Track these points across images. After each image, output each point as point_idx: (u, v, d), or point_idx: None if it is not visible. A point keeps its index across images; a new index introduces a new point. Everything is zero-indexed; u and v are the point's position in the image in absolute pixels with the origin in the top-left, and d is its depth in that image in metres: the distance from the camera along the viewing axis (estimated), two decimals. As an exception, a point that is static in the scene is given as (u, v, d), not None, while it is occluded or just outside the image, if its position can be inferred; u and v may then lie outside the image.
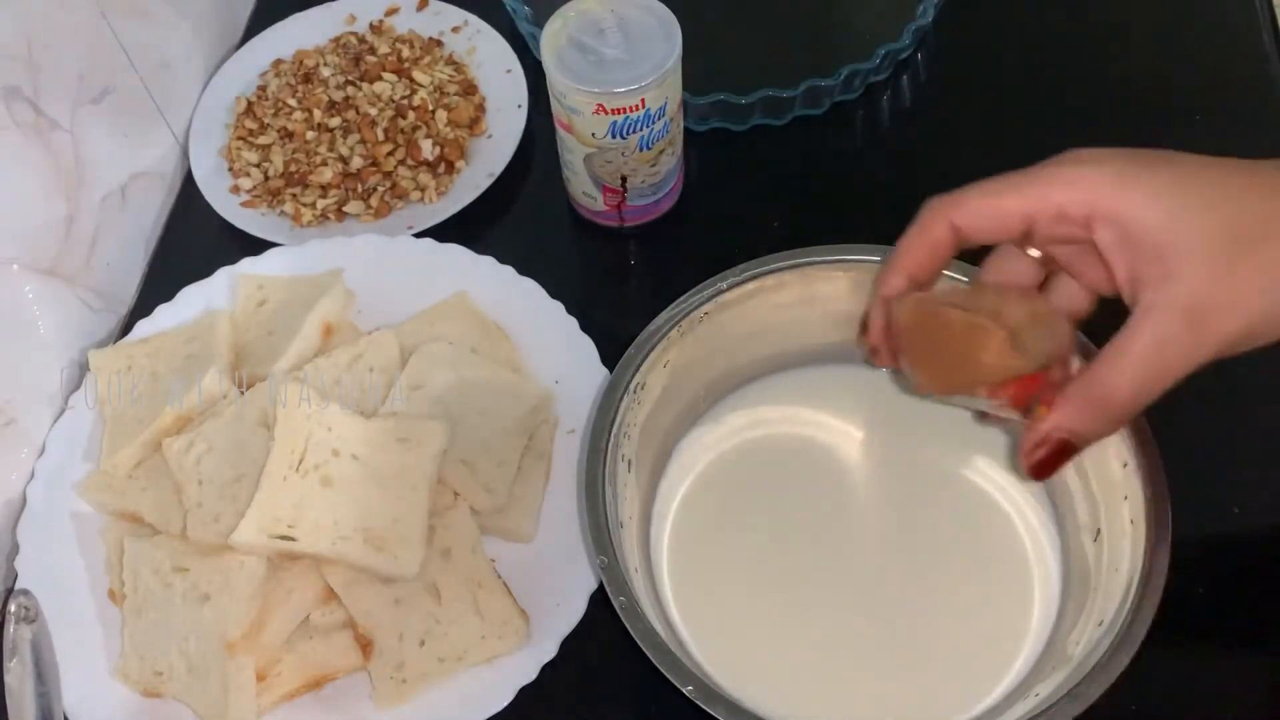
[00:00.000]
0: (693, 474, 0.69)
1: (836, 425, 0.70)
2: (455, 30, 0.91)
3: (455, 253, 0.78)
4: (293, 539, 0.63)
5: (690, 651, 0.63)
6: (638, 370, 0.64)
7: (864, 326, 0.58)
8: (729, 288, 0.66)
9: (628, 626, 0.56)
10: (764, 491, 0.68)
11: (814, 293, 0.68)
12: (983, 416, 0.60)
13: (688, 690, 0.54)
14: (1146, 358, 0.47)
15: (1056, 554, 0.65)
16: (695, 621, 0.64)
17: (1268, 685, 0.64)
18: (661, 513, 0.68)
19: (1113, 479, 0.61)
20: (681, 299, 0.65)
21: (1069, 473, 0.64)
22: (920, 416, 0.70)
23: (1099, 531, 0.62)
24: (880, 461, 0.69)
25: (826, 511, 0.67)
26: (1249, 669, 0.64)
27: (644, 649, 0.56)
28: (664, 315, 0.65)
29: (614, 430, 0.62)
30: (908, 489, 0.68)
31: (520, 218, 0.84)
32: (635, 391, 0.64)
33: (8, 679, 0.57)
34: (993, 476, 0.68)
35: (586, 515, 0.60)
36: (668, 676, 0.55)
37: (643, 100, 0.70)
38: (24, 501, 0.70)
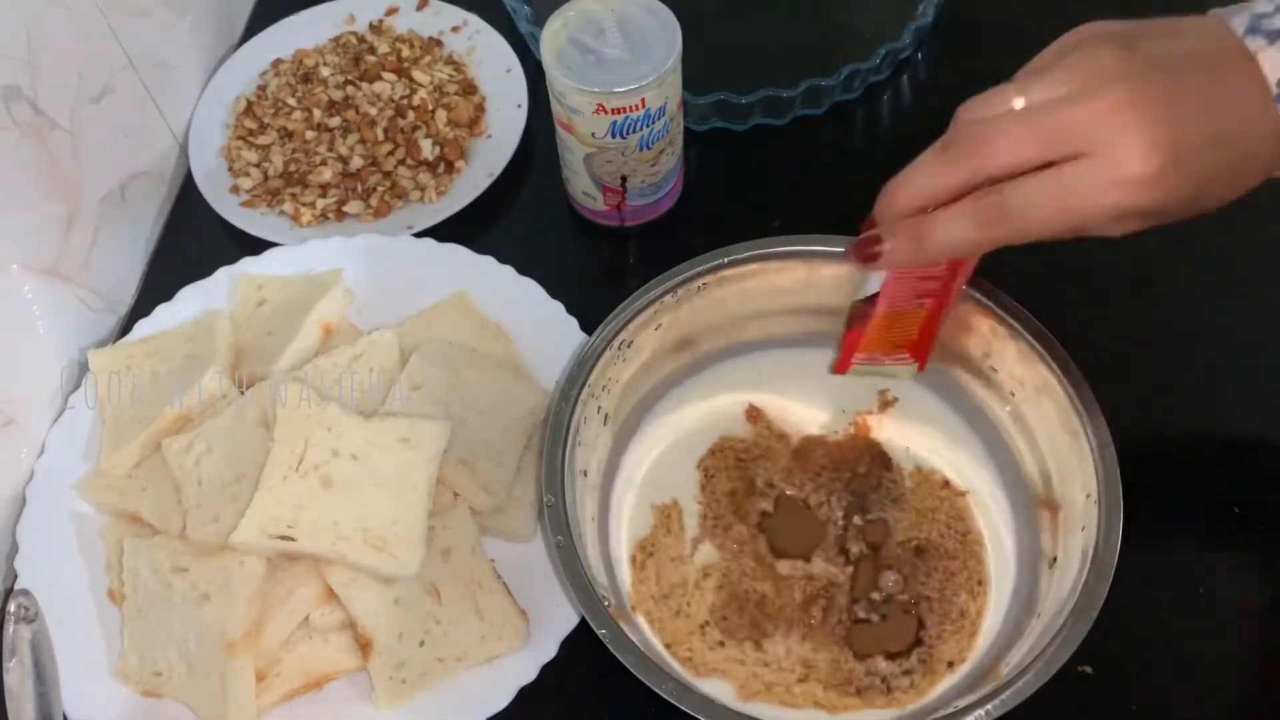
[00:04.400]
0: (660, 449, 0.70)
1: (820, 408, 0.71)
2: (455, 30, 0.91)
3: (455, 253, 0.78)
4: (292, 539, 0.63)
5: (636, 618, 0.65)
6: (625, 326, 0.64)
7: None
8: (730, 263, 0.66)
9: (561, 567, 0.59)
10: (737, 473, 0.69)
11: (817, 280, 0.68)
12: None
13: (601, 633, 0.57)
14: None
15: (1013, 562, 0.66)
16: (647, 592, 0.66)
17: (1268, 685, 0.64)
18: (629, 477, 0.69)
19: (1075, 507, 0.62)
20: (681, 266, 0.66)
21: (1043, 511, 0.65)
22: (909, 412, 0.70)
23: (1055, 560, 0.62)
24: (861, 452, 0.70)
25: (792, 478, 0.68)
26: (1249, 670, 0.64)
27: (572, 589, 0.58)
28: (661, 279, 0.66)
29: (590, 379, 0.63)
30: (883, 482, 0.68)
31: (520, 218, 0.84)
32: (621, 347, 0.65)
33: (7, 679, 0.57)
34: (966, 472, 0.68)
35: (545, 455, 0.62)
36: (589, 619, 0.57)
37: (643, 100, 0.70)
38: (24, 501, 0.70)
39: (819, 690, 0.62)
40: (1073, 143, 0.50)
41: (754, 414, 0.71)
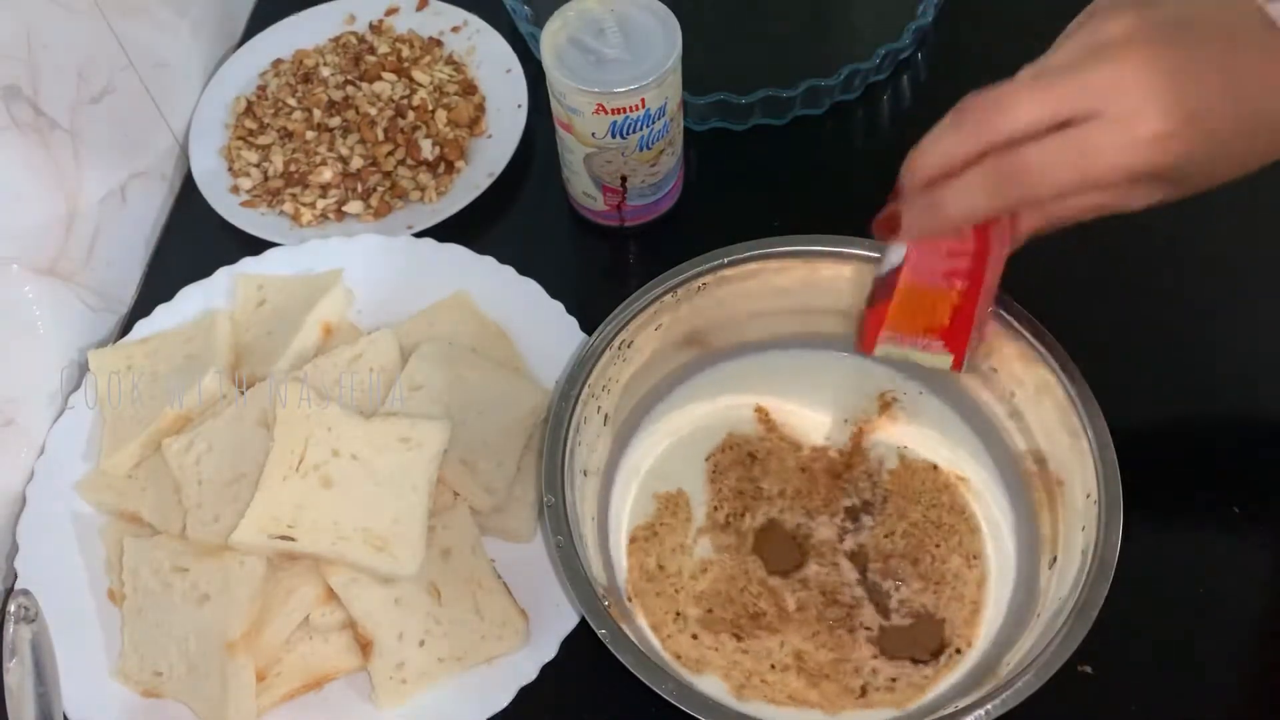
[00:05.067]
0: (665, 444, 0.70)
1: (824, 414, 0.71)
2: (455, 30, 0.91)
3: (455, 253, 0.78)
4: (293, 539, 0.63)
5: (635, 619, 0.65)
6: (625, 326, 0.64)
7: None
8: (730, 263, 0.66)
9: (561, 567, 0.59)
10: (710, 488, 0.69)
11: (816, 281, 0.68)
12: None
13: (601, 633, 0.56)
14: None
15: (1013, 572, 0.65)
16: (643, 587, 0.66)
17: (1269, 685, 0.64)
18: (631, 471, 0.69)
19: (1075, 507, 0.62)
20: (681, 266, 0.66)
21: (1043, 510, 0.65)
22: (909, 412, 0.70)
23: (1055, 559, 0.62)
24: (854, 446, 0.70)
25: (797, 500, 0.68)
26: (1249, 670, 0.64)
27: (572, 589, 0.58)
28: (661, 279, 0.66)
29: (590, 379, 0.64)
30: (883, 482, 0.68)
31: (520, 218, 0.84)
32: (621, 348, 0.65)
33: (8, 679, 0.57)
34: (964, 468, 0.68)
35: (545, 455, 0.62)
36: (589, 619, 0.57)
37: (643, 100, 0.70)
38: (24, 501, 0.70)
39: (808, 687, 0.62)
40: (1086, 103, 0.50)
41: (763, 415, 0.71)
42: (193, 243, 0.84)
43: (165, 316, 0.77)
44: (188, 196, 0.86)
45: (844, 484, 0.68)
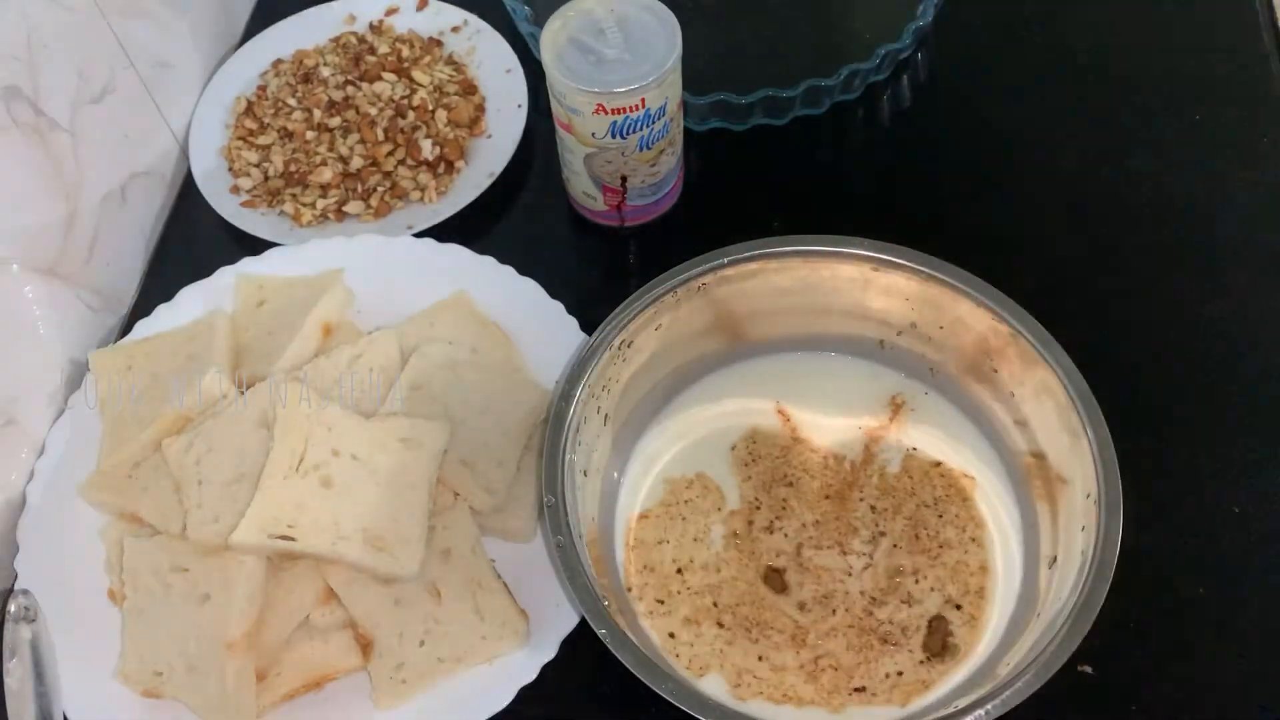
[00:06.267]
0: (679, 441, 0.70)
1: (841, 420, 0.71)
2: (455, 30, 0.91)
3: (455, 253, 0.78)
4: (293, 539, 0.63)
5: (638, 617, 0.65)
6: (625, 326, 0.65)
7: None
8: (730, 263, 0.66)
9: (561, 567, 0.59)
10: (739, 475, 0.69)
11: (816, 281, 0.68)
12: None
13: (601, 633, 0.56)
14: None
15: (1019, 572, 0.66)
16: (646, 588, 0.66)
17: (1268, 686, 0.64)
18: (639, 471, 0.69)
19: (1075, 507, 0.62)
20: (681, 266, 0.66)
21: (1044, 510, 0.65)
22: (917, 414, 0.70)
23: (1055, 559, 0.62)
24: (866, 456, 0.70)
25: (804, 503, 0.68)
26: (1249, 670, 0.64)
27: (572, 589, 0.58)
28: (661, 279, 0.66)
29: (590, 379, 0.64)
30: (889, 485, 0.68)
31: (520, 218, 0.84)
32: (621, 348, 0.65)
33: (8, 679, 0.57)
34: (969, 468, 0.68)
35: (545, 455, 0.62)
36: (589, 619, 0.57)
37: (643, 100, 0.70)
38: (24, 501, 0.70)
39: (811, 688, 0.62)
40: None
41: (785, 417, 0.71)
42: (193, 243, 0.84)
43: (166, 316, 0.77)
44: (188, 196, 0.86)
45: (851, 509, 0.68)
